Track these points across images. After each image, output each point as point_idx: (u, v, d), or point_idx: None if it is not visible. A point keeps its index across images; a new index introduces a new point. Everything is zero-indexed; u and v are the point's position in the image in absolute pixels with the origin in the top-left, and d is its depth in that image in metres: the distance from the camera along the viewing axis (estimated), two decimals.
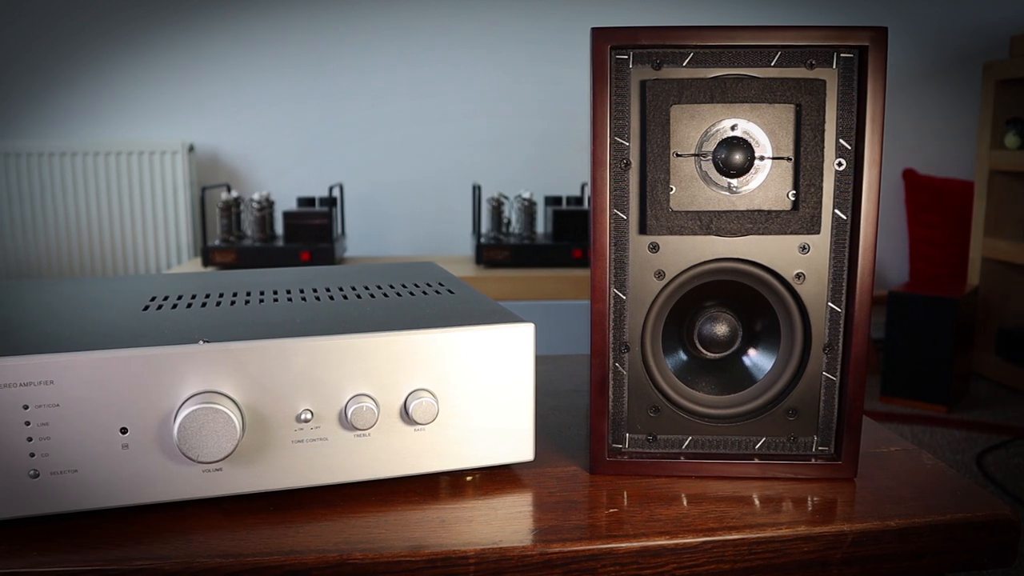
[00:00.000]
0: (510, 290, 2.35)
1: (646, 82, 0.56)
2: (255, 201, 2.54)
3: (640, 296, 0.58)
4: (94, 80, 3.15)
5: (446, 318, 0.57)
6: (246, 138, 3.19)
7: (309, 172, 3.19)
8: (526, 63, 3.17)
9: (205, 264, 2.45)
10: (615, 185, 0.57)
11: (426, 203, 3.24)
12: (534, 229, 2.61)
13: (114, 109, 3.17)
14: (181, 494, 0.51)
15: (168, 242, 3.12)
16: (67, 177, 3.06)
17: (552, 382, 0.82)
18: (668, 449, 0.60)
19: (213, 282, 0.75)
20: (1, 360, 0.47)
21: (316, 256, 2.43)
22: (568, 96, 3.16)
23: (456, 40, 3.16)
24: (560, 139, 3.19)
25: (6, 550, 0.48)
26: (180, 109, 3.17)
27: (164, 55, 3.14)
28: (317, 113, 3.18)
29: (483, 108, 3.19)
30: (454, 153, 3.22)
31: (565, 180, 3.11)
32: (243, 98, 3.17)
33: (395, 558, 0.47)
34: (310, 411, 0.51)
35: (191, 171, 3.11)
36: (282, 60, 3.15)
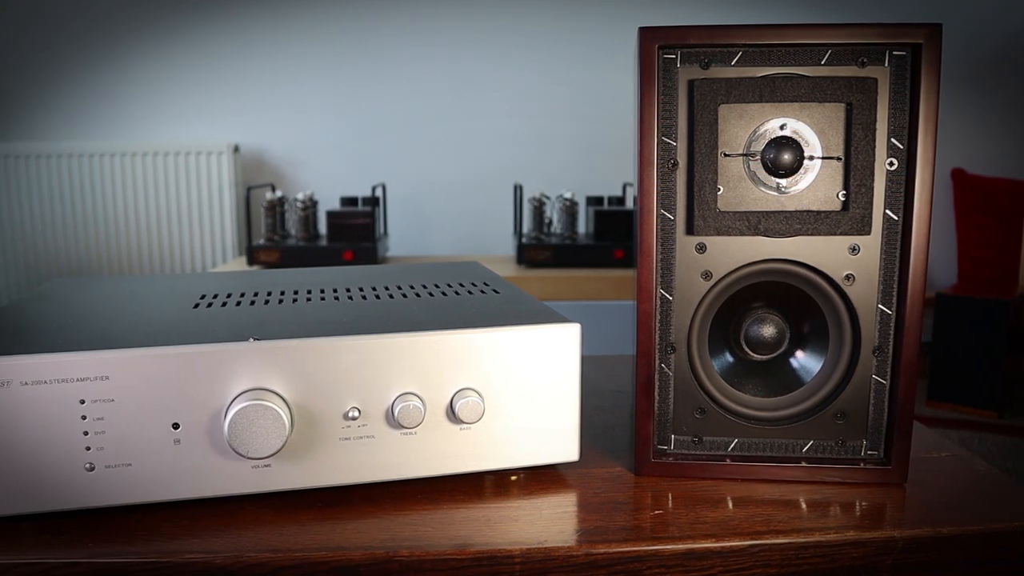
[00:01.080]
0: (551, 290, 2.35)
1: (694, 81, 0.55)
2: (299, 201, 2.57)
3: (687, 297, 0.58)
4: (143, 82, 3.21)
5: (492, 318, 0.58)
6: (290, 139, 3.23)
7: (352, 172, 3.21)
8: (568, 62, 3.16)
9: (250, 263, 2.49)
10: (662, 185, 0.56)
11: (467, 203, 3.25)
12: (575, 229, 2.60)
13: (162, 110, 3.23)
14: (231, 489, 0.52)
15: (213, 241, 3.17)
16: (117, 177, 3.12)
17: (595, 382, 0.82)
18: (714, 451, 0.60)
19: (260, 281, 0.76)
20: (59, 355, 0.48)
21: (359, 255, 2.45)
22: (610, 96, 3.15)
23: (499, 40, 3.16)
24: (602, 139, 3.18)
25: (63, 541, 0.49)
26: (226, 110, 3.22)
27: (211, 58, 3.19)
28: (360, 114, 3.21)
29: (525, 108, 3.19)
30: (496, 153, 3.22)
31: (606, 180, 3.10)
32: (287, 99, 3.21)
33: (441, 556, 0.48)
34: (357, 409, 0.52)
35: (236, 171, 3.16)
36: (326, 62, 3.19)
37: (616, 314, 2.19)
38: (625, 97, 3.12)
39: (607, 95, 3.15)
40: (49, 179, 3.14)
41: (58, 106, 3.25)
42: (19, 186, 3.16)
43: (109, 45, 3.19)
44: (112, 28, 3.18)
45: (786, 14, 3.04)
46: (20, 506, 0.50)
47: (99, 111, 3.24)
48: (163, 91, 3.22)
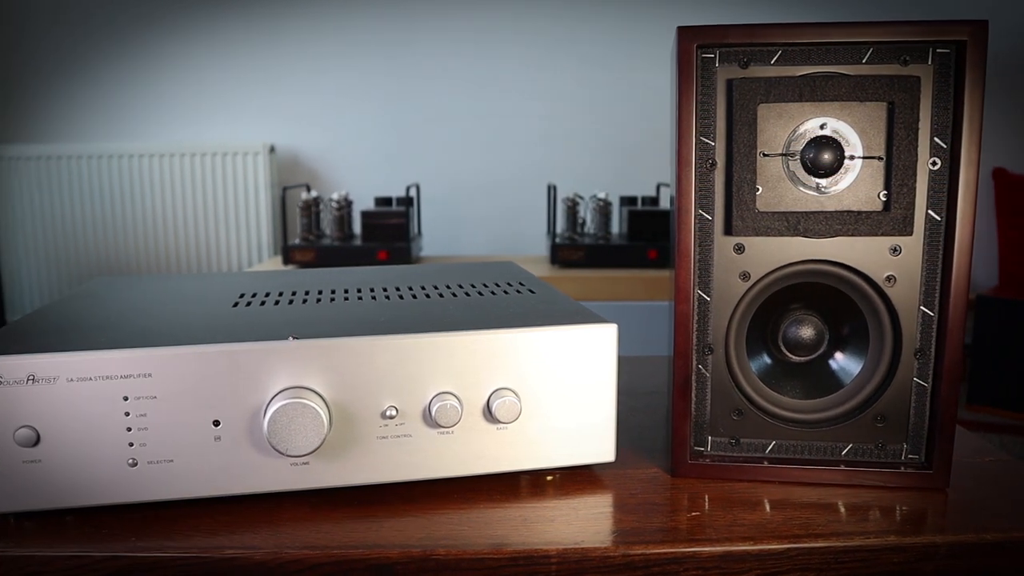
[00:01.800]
0: (584, 290, 2.34)
1: (732, 81, 0.55)
2: (334, 201, 2.59)
3: (724, 297, 0.57)
4: (182, 85, 3.26)
5: (529, 318, 0.58)
6: (325, 139, 3.25)
7: (386, 172, 3.23)
8: (603, 62, 3.15)
9: (285, 262, 2.51)
10: (700, 185, 0.56)
11: (500, 203, 3.26)
12: (609, 229, 2.59)
13: (200, 112, 3.27)
14: (270, 486, 0.52)
15: (249, 240, 3.20)
16: (155, 177, 3.17)
17: (629, 383, 0.82)
18: (751, 453, 0.60)
19: (297, 280, 0.76)
20: (103, 353, 0.49)
21: (393, 255, 2.46)
22: (644, 96, 3.14)
23: (533, 40, 3.16)
24: (636, 139, 3.16)
25: (107, 534, 0.50)
26: (262, 111, 3.25)
27: (247, 60, 3.22)
28: (394, 115, 3.23)
29: (559, 108, 3.19)
30: (529, 153, 3.22)
31: (640, 180, 3.08)
32: (322, 100, 3.23)
33: (478, 555, 0.48)
34: (395, 408, 0.52)
35: (272, 171, 3.19)
36: (360, 63, 3.21)
37: (649, 315, 2.18)
38: (660, 96, 3.10)
39: (641, 95, 3.14)
40: (90, 179, 3.20)
41: (99, 108, 3.31)
42: (60, 186, 3.22)
43: (148, 48, 3.24)
44: (151, 32, 3.23)
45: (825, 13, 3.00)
46: (64, 500, 0.51)
47: (139, 113, 3.29)
48: (201, 93, 3.26)
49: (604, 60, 3.15)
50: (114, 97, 3.29)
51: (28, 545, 0.49)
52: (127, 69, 3.27)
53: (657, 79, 3.10)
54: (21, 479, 0.50)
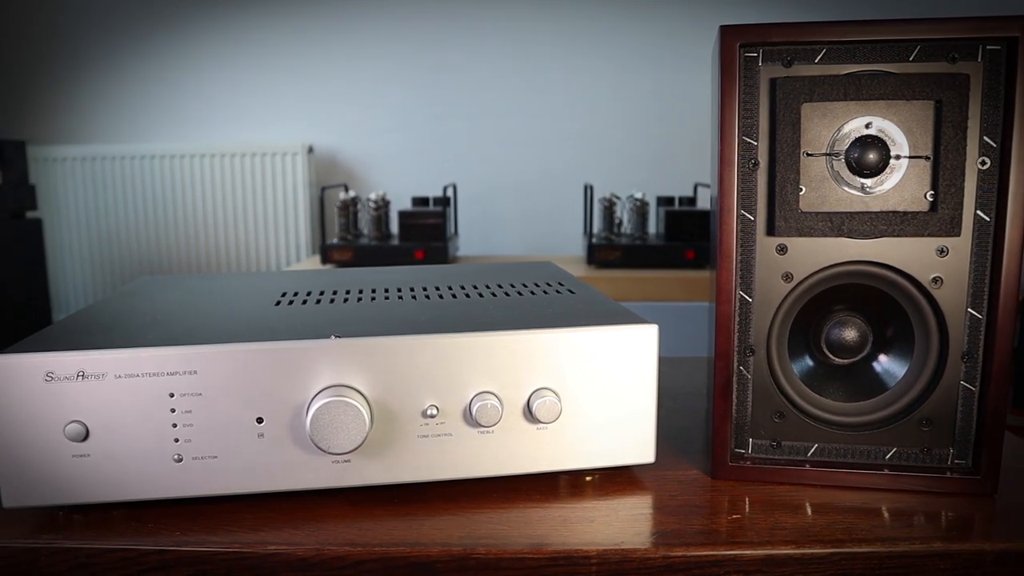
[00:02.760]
0: (621, 291, 2.33)
1: (776, 80, 0.54)
2: (371, 201, 2.61)
3: (767, 299, 0.57)
4: (221, 85, 3.30)
5: (569, 318, 0.58)
6: (363, 140, 3.28)
7: (423, 172, 3.25)
8: (640, 62, 3.14)
9: (323, 261, 2.53)
10: (742, 185, 0.56)
11: (537, 203, 3.26)
12: (646, 230, 2.58)
13: (239, 113, 3.31)
14: (311, 483, 0.53)
15: (288, 240, 3.24)
16: (196, 177, 3.22)
17: (668, 384, 0.81)
18: (793, 456, 0.59)
19: (337, 279, 0.77)
20: (150, 350, 0.50)
21: (430, 255, 2.47)
22: (681, 95, 3.12)
23: (568, 40, 3.16)
24: (673, 139, 3.15)
25: (153, 528, 0.51)
26: (300, 112, 3.29)
27: (285, 62, 3.26)
28: (432, 115, 3.24)
29: (596, 108, 3.18)
30: (566, 153, 3.22)
31: (677, 180, 3.07)
32: (360, 101, 3.26)
33: (518, 554, 0.48)
34: (436, 407, 0.53)
35: (310, 171, 3.22)
36: (399, 64, 3.23)
37: (687, 315, 2.16)
38: (697, 96, 3.08)
39: (679, 94, 3.12)
40: (132, 180, 3.25)
41: (142, 109, 3.36)
42: (103, 186, 3.28)
43: (189, 51, 3.29)
44: (192, 34, 3.28)
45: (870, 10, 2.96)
46: (111, 494, 0.52)
47: (180, 114, 3.34)
48: (241, 94, 3.30)
49: (641, 59, 3.14)
50: (156, 99, 3.34)
51: (76, 538, 0.50)
52: (169, 71, 3.32)
53: (694, 79, 3.07)
54: (70, 473, 0.51)
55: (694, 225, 2.50)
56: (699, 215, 2.50)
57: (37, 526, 0.52)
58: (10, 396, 0.49)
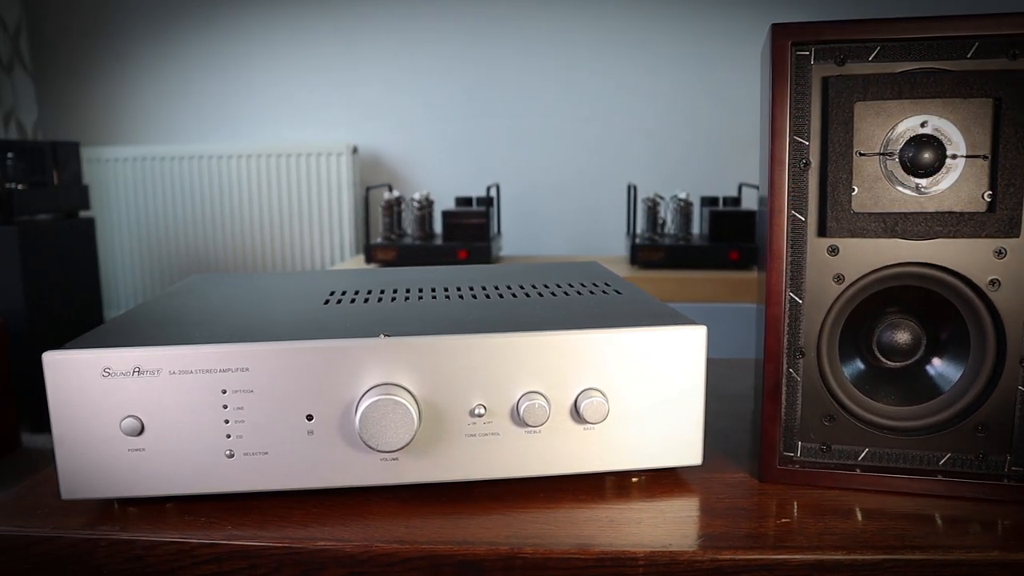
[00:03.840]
0: (664, 291, 2.32)
1: (828, 79, 0.54)
2: (415, 201, 2.63)
3: (817, 300, 0.56)
4: (267, 87, 3.35)
5: (617, 318, 0.57)
6: (407, 140, 3.30)
7: (466, 172, 3.26)
8: (683, 61, 3.12)
9: (368, 261, 2.55)
10: (793, 186, 0.55)
11: (580, 203, 3.25)
12: (690, 230, 2.56)
13: (285, 114, 3.36)
14: (359, 480, 0.53)
15: (332, 239, 3.27)
16: (242, 176, 3.27)
17: (713, 386, 0.80)
18: (843, 460, 0.58)
19: (385, 279, 0.78)
20: (203, 347, 0.51)
21: (473, 255, 2.48)
22: (725, 95, 3.09)
23: (613, 38, 3.15)
24: (717, 138, 3.12)
25: (204, 522, 0.52)
26: (345, 113, 3.32)
27: (330, 63, 3.29)
28: (475, 115, 3.25)
29: (639, 108, 3.17)
30: (608, 153, 3.21)
31: (722, 180, 3.04)
32: (404, 101, 3.28)
33: (565, 555, 0.48)
34: (483, 406, 0.53)
35: (355, 172, 3.26)
36: (442, 64, 3.24)
37: (731, 317, 2.14)
38: (742, 96, 3.05)
39: (724, 94, 3.09)
40: (181, 179, 3.31)
41: (191, 111, 3.43)
42: (153, 186, 3.35)
43: (237, 54, 3.35)
44: (240, 38, 3.33)
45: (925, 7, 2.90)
46: (165, 487, 0.53)
47: (228, 115, 3.40)
48: (286, 96, 3.35)
49: (685, 59, 3.12)
50: (204, 100, 3.40)
51: (132, 530, 0.51)
52: (217, 74, 3.38)
53: (740, 78, 3.04)
54: (126, 466, 0.52)
55: (738, 226, 2.48)
56: (744, 215, 2.48)
57: (94, 517, 0.53)
58: (69, 391, 0.51)
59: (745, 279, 2.31)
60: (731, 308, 2.21)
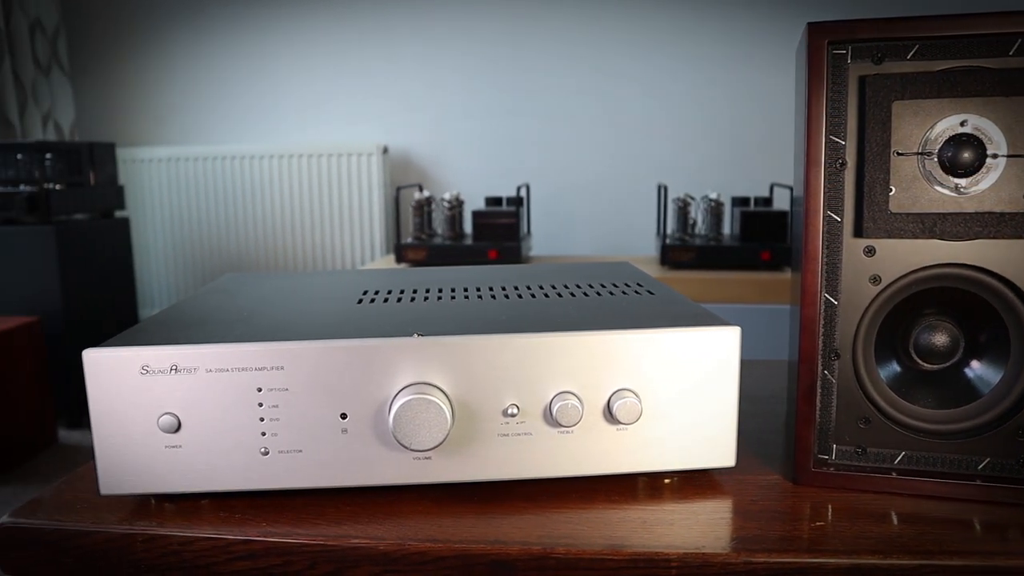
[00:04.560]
0: (695, 292, 2.30)
1: (865, 78, 0.53)
2: (445, 201, 2.64)
3: (853, 301, 0.56)
4: (298, 88, 3.38)
5: (650, 319, 0.57)
6: (437, 140, 3.31)
7: (497, 172, 3.27)
8: (713, 61, 3.10)
9: (398, 260, 2.56)
10: (829, 186, 0.54)
11: (609, 203, 3.24)
12: (721, 230, 2.55)
13: (316, 114, 3.38)
14: (392, 479, 0.54)
15: (363, 238, 3.29)
16: (274, 176, 3.30)
17: (745, 387, 0.80)
18: (879, 463, 0.57)
19: (416, 278, 0.78)
20: (240, 345, 0.52)
21: (503, 254, 2.49)
22: (757, 94, 3.06)
23: (642, 39, 3.13)
24: (748, 138, 3.10)
25: (239, 519, 0.53)
26: (375, 113, 3.34)
27: (360, 65, 3.31)
28: (505, 116, 3.26)
29: (669, 107, 3.15)
30: (638, 153, 3.20)
31: (753, 180, 3.02)
32: (434, 102, 3.29)
33: (597, 555, 0.48)
34: (516, 406, 0.53)
35: (385, 172, 3.27)
36: (471, 64, 3.25)
37: (762, 318, 2.12)
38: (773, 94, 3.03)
39: (754, 93, 3.07)
40: (214, 179, 3.35)
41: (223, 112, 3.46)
42: (186, 186, 3.39)
43: (268, 56, 3.38)
44: (270, 40, 3.36)
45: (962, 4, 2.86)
46: (201, 484, 0.53)
47: (260, 116, 3.43)
48: (317, 97, 3.37)
49: (716, 59, 3.10)
50: (238, 102, 3.44)
51: (169, 526, 0.52)
52: (248, 75, 3.41)
53: (770, 77, 3.02)
54: (163, 463, 0.53)
55: (770, 226, 2.46)
56: (775, 216, 2.46)
57: (132, 513, 0.54)
58: (108, 388, 0.51)
59: (776, 280, 2.29)
60: (762, 309, 2.19)
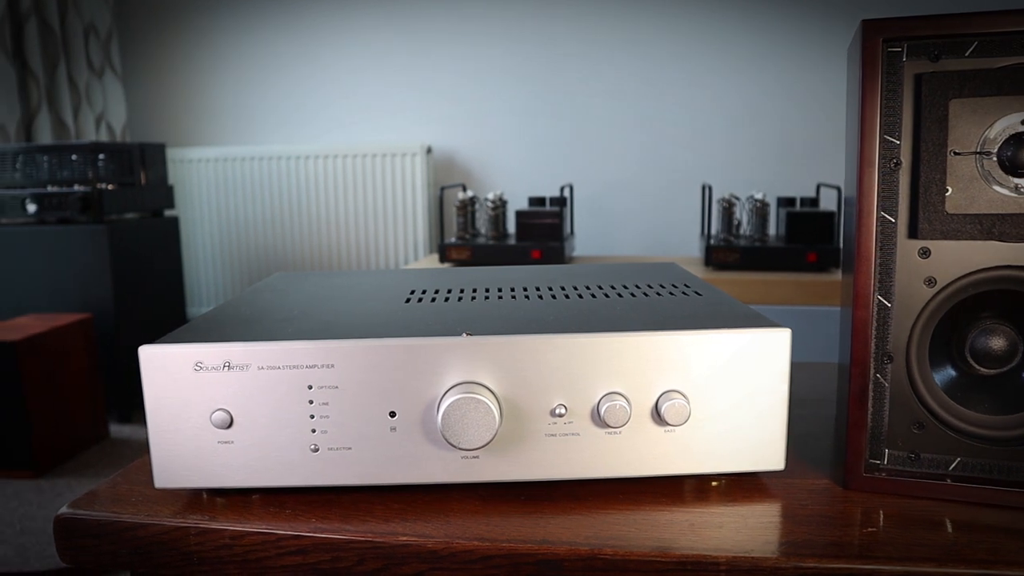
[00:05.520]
0: (739, 294, 2.28)
1: (922, 76, 0.52)
2: (489, 200, 2.64)
3: (907, 304, 0.55)
4: (343, 90, 3.41)
5: (699, 320, 0.57)
6: (480, 140, 3.32)
7: (539, 172, 3.27)
8: (759, 60, 3.06)
9: (441, 260, 2.58)
10: (883, 186, 0.54)
11: (652, 204, 3.23)
12: (766, 231, 2.52)
13: (360, 115, 3.41)
14: (440, 477, 0.54)
15: (407, 238, 3.32)
16: (319, 176, 3.34)
17: (793, 390, 0.79)
18: (933, 469, 0.56)
19: (463, 278, 0.78)
20: (291, 343, 0.52)
21: (546, 254, 2.49)
22: (803, 93, 3.02)
23: (685, 38, 3.11)
24: (793, 138, 3.06)
25: (290, 514, 0.53)
26: (419, 114, 3.36)
27: (404, 65, 3.34)
28: (548, 115, 3.26)
29: (713, 106, 3.12)
30: (681, 153, 3.17)
31: (799, 181, 2.98)
32: (478, 102, 3.30)
33: (645, 557, 0.48)
34: (564, 406, 0.53)
35: (429, 171, 3.29)
36: (514, 64, 3.25)
37: (808, 320, 2.10)
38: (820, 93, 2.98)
39: (800, 92, 3.03)
40: (261, 180, 3.40)
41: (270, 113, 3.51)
42: (233, 186, 3.44)
43: (313, 58, 3.42)
44: (316, 43, 3.40)
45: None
46: (252, 479, 0.54)
47: (305, 117, 3.47)
48: (362, 98, 3.40)
49: (761, 58, 3.06)
50: (284, 103, 3.48)
51: (221, 520, 0.53)
52: (295, 77, 3.45)
53: (816, 76, 2.98)
54: (216, 458, 0.54)
55: (816, 227, 2.42)
56: (822, 217, 2.42)
57: (185, 506, 0.55)
58: (164, 384, 0.53)
59: (823, 282, 2.25)
60: (808, 311, 2.16)
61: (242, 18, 3.49)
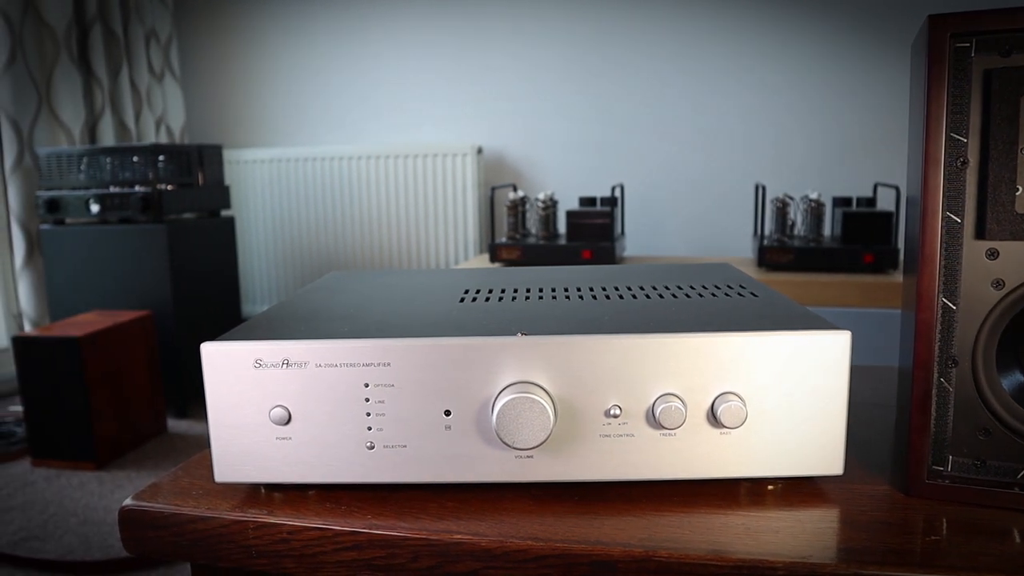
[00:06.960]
0: (793, 295, 2.25)
1: (991, 71, 0.51)
2: (539, 200, 2.64)
3: (973, 307, 0.53)
4: (394, 91, 3.44)
5: (756, 322, 0.56)
6: (531, 140, 3.32)
7: (590, 172, 3.26)
8: (812, 58, 3.01)
9: (492, 260, 2.59)
10: (949, 186, 0.52)
11: (704, 204, 3.19)
12: (821, 232, 2.47)
13: (411, 116, 3.44)
14: (494, 477, 0.54)
15: (457, 237, 3.33)
16: (371, 177, 3.37)
17: (852, 394, 0.77)
18: (1000, 477, 0.55)
19: (515, 278, 0.78)
20: (348, 341, 0.53)
21: (597, 255, 2.48)
22: (857, 91, 2.96)
23: (739, 37, 3.07)
24: (848, 137, 3.00)
25: (345, 510, 0.54)
26: (470, 114, 3.37)
27: (455, 66, 3.35)
28: (599, 115, 3.24)
29: (767, 105, 3.08)
30: (733, 152, 3.13)
31: (855, 180, 2.92)
32: (528, 103, 3.30)
33: (700, 560, 0.47)
34: (619, 407, 0.52)
35: (479, 172, 3.30)
36: (565, 64, 3.25)
37: (865, 322, 2.05)
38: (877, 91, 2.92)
39: (855, 90, 2.97)
40: (314, 180, 3.45)
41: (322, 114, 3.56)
42: (287, 187, 3.49)
43: (365, 59, 3.45)
44: (368, 44, 3.44)
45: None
46: (309, 476, 0.55)
47: (357, 118, 3.51)
48: (413, 99, 3.43)
49: (815, 55, 3.01)
50: (337, 105, 3.53)
51: (278, 514, 0.54)
52: (347, 80, 3.49)
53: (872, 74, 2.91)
54: (274, 454, 0.54)
55: (874, 227, 2.37)
56: (879, 217, 2.37)
57: (243, 501, 0.56)
58: (224, 380, 0.54)
59: (880, 283, 2.21)
60: (865, 313, 2.12)
61: (296, 22, 3.54)
